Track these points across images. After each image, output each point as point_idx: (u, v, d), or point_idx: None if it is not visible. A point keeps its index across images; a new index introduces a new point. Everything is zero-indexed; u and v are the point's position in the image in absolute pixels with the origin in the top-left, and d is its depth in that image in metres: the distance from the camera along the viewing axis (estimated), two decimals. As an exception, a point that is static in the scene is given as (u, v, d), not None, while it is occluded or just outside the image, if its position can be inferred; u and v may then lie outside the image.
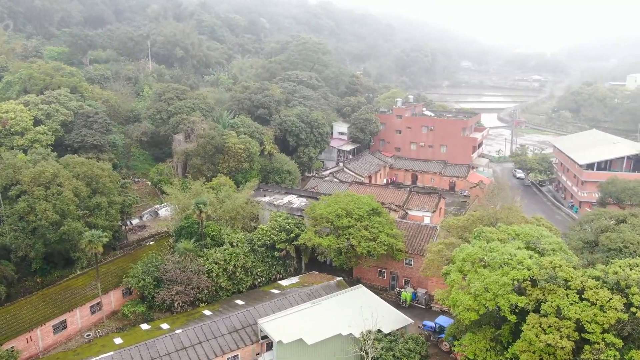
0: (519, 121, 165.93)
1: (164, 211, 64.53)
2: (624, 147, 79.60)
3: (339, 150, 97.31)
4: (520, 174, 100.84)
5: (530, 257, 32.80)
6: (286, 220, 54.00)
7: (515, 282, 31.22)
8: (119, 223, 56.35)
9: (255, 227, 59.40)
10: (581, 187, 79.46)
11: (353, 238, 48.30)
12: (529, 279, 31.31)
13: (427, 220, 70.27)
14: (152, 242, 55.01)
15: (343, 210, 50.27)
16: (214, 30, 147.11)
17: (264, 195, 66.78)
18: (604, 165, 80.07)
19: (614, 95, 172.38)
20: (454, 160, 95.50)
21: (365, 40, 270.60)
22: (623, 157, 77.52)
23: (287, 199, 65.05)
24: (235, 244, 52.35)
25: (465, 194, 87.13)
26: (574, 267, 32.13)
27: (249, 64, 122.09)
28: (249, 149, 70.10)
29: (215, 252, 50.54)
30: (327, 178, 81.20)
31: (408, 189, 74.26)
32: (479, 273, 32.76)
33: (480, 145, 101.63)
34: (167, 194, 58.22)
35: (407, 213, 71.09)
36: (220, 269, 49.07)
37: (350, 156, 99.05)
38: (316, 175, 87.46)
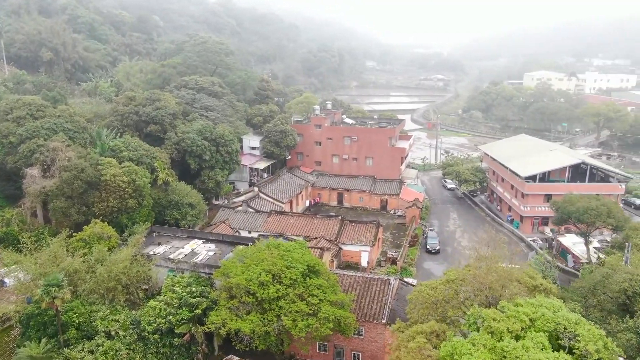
0: (434, 123, 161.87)
1: (12, 280, 45.87)
2: (565, 157, 73.77)
3: (251, 169, 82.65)
4: (450, 184, 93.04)
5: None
6: (188, 290, 38.79)
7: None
8: None
9: (147, 294, 43.52)
10: (522, 201, 72.27)
11: (285, 315, 34.47)
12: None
13: (364, 257, 58.48)
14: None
15: (268, 273, 36.22)
16: (94, 28, 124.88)
17: (158, 244, 50.61)
18: (542, 175, 73.53)
19: (519, 94, 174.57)
20: (382, 174, 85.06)
21: (269, 40, 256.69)
22: (564, 167, 71.32)
23: (189, 247, 49.47)
24: (115, 332, 36.23)
25: (399, 213, 76.75)
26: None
27: (138, 68, 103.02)
28: (135, 181, 53.40)
29: (82, 350, 34.19)
30: (239, 208, 66.43)
31: (339, 217, 61.77)
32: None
33: (407, 155, 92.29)
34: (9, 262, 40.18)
35: (340, 249, 58.67)
36: (90, 378, 32.93)
37: (265, 175, 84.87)
38: (226, 204, 72.28)
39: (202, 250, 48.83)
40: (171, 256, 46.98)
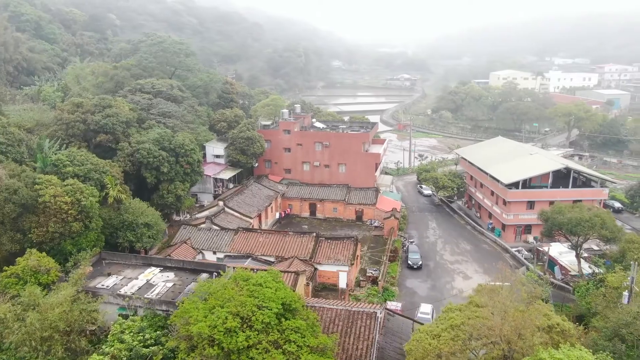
0: (405, 124, 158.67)
1: None
2: (547, 161, 70.60)
3: (215, 179, 76.26)
4: (427, 190, 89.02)
5: None
6: (140, 337, 32.61)
7: None
8: None
9: (93, 338, 37.03)
10: (505, 209, 68.68)
11: (258, 369, 28.77)
12: None
13: (343, 278, 53.28)
14: None
15: (236, 316, 30.44)
16: (40, 27, 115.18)
17: (108, 274, 43.89)
18: (524, 181, 70.07)
19: (488, 94, 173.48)
20: (357, 182, 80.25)
21: (233, 39, 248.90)
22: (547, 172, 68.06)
23: (144, 277, 42.97)
24: (48, 395, 29.73)
25: (376, 224, 72.00)
26: None
27: (90, 70, 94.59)
28: (80, 201, 46.51)
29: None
30: (203, 225, 60.11)
31: (314, 234, 56.32)
32: None
33: (381, 160, 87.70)
34: None
35: (316, 269, 53.31)
36: None
37: (231, 185, 78.69)
38: (188, 219, 65.89)
39: (159, 280, 42.44)
40: (122, 290, 40.41)
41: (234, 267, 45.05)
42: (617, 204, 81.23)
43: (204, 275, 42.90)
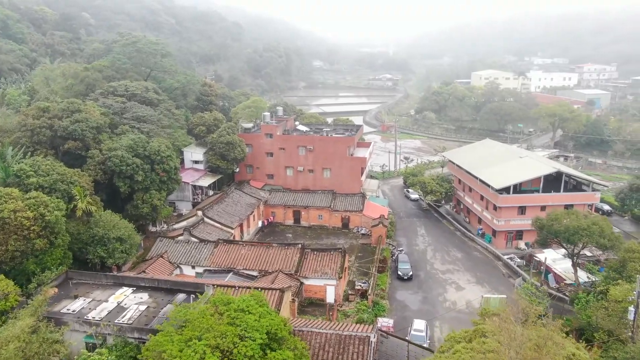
0: (388, 125, 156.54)
1: None
2: (539, 165, 68.62)
3: (194, 186, 72.54)
4: (413, 194, 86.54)
5: None
6: (109, 373, 29.09)
7: None
8: None
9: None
10: (496, 214, 66.49)
11: (241, 411, 25.60)
12: None
13: (330, 292, 50.31)
14: None
15: (216, 350, 27.22)
16: (8, 26, 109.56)
17: (75, 297, 40.08)
18: (514, 185, 67.93)
19: (471, 94, 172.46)
20: (342, 187, 77.38)
21: (212, 39, 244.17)
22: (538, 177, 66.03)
23: (114, 299, 39.28)
24: None
25: (363, 232, 69.19)
26: None
27: (60, 71, 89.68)
28: (44, 216, 42.63)
29: None
30: (180, 237, 56.46)
31: (299, 246, 53.18)
32: None
33: (367, 164, 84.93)
34: None
35: (302, 283, 50.19)
36: None
37: (211, 192, 75.02)
38: (165, 229, 62.19)
39: (132, 303, 38.79)
40: (90, 315, 36.70)
41: (214, 286, 41.89)
42: (607, 207, 79.91)
43: (181, 296, 39.53)
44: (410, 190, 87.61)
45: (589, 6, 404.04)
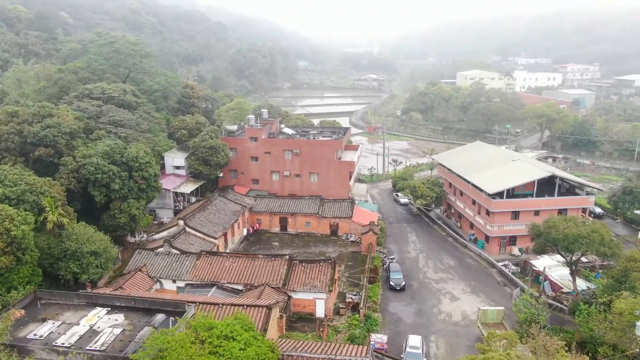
0: (375, 127, 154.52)
1: None
2: (533, 168, 66.74)
3: (176, 193, 69.32)
4: (403, 198, 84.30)
5: None
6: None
7: None
8: None
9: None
10: (489, 219, 64.54)
11: None
12: None
13: (320, 306, 47.73)
14: None
15: (196, 385, 24.40)
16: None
17: (43, 320, 36.82)
18: (507, 190, 66.09)
19: (457, 95, 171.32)
20: (330, 192, 74.91)
21: (195, 39, 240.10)
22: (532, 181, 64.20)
23: (87, 321, 36.10)
24: None
25: (352, 239, 66.70)
26: None
27: (34, 73, 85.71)
28: (10, 231, 39.33)
29: None
30: (161, 249, 53.27)
31: (287, 257, 50.45)
32: None
33: (355, 169, 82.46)
34: None
35: (290, 297, 47.47)
36: None
37: (194, 199, 71.91)
38: (145, 243, 58.99)
39: (106, 326, 35.65)
40: (59, 341, 33.52)
41: (196, 304, 39.12)
42: (598, 210, 78.66)
43: (160, 317, 36.50)
44: (399, 194, 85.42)
45: (570, 5, 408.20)
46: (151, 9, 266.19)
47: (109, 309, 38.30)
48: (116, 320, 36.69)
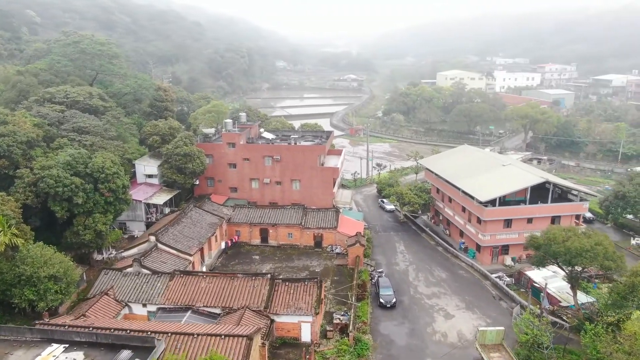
0: (357, 128, 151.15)
1: None
2: (525, 174, 63.84)
3: (147, 204, 64.52)
4: (389, 205, 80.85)
5: None
6: None
7: None
8: None
9: None
10: (481, 228, 61.47)
11: None
12: None
13: (306, 330, 43.74)
14: None
15: None
16: None
17: (-11, 361, 32.05)
18: (500, 197, 63.14)
19: (439, 95, 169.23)
20: (313, 200, 71.09)
21: (170, 39, 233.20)
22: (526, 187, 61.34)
23: (40, 363, 31.49)
24: None
25: (337, 251, 62.90)
26: None
27: (-7, 75, 79.56)
28: (-49, 258, 34.31)
29: None
30: (130, 269, 48.54)
31: (268, 276, 46.33)
32: None
33: (339, 174, 78.73)
34: None
35: (272, 321, 43.33)
36: None
37: (167, 210, 67.23)
38: (112, 261, 54.12)
39: (62, 368, 31.14)
40: (6, 389, 28.93)
41: (168, 334, 34.83)
42: (589, 214, 76.43)
43: (125, 355, 32.03)
44: (385, 200, 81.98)
45: (548, 4, 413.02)
46: (124, 8, 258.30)
47: (67, 345, 33.57)
48: (75, 359, 32.14)
